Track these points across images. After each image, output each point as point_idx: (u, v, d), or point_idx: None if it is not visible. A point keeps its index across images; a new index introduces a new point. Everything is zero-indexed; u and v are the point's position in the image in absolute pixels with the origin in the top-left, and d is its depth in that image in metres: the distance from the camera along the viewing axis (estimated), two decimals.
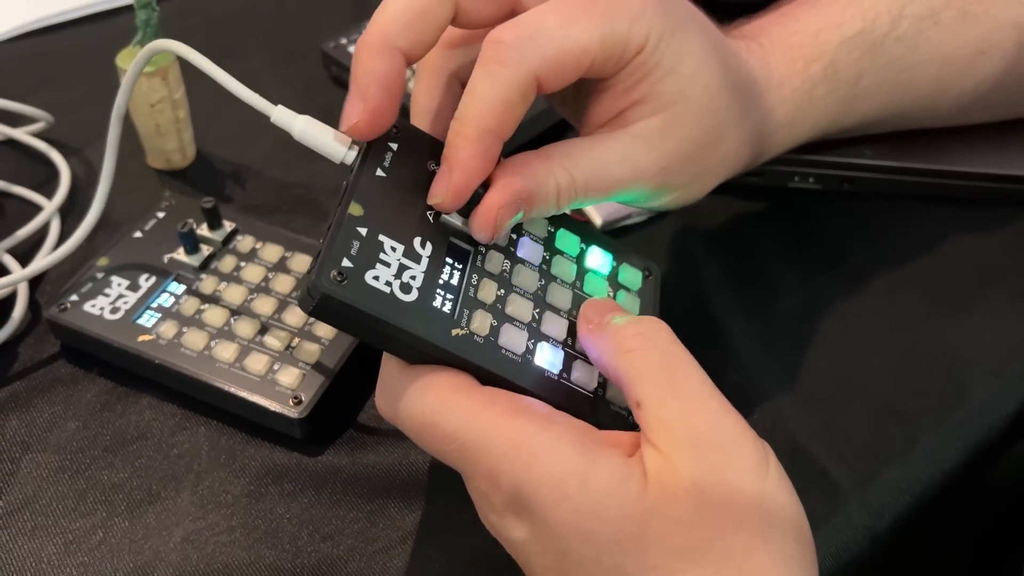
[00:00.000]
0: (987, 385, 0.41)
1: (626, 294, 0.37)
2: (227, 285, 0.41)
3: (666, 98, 0.34)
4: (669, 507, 0.27)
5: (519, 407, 0.29)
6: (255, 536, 0.36)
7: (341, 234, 0.30)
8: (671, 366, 0.29)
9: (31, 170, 0.50)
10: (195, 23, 0.61)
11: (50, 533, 0.36)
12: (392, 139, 0.33)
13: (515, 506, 0.29)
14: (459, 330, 0.31)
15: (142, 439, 0.39)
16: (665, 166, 0.35)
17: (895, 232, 0.47)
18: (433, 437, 0.30)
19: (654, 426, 0.28)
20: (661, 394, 0.29)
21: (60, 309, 0.40)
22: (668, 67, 0.33)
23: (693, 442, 0.28)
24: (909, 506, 0.38)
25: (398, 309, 0.29)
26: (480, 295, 0.32)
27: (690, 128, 0.35)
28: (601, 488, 0.27)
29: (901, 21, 0.42)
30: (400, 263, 0.30)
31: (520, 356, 0.32)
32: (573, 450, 0.28)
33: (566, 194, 0.33)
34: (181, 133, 0.49)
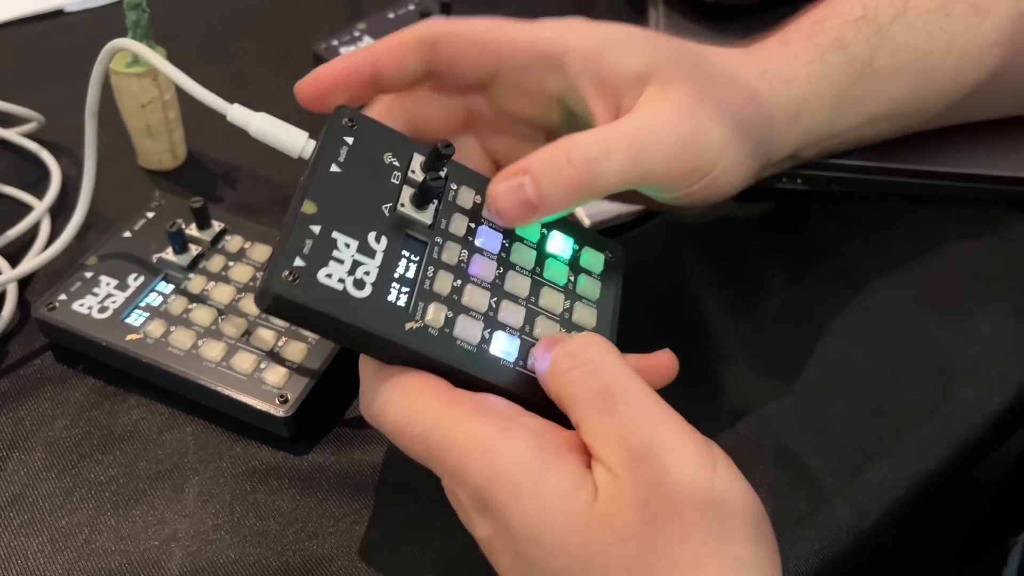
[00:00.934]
0: (972, 384, 0.41)
1: (587, 278, 0.37)
2: (215, 285, 0.41)
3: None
4: (615, 520, 0.27)
5: (482, 407, 0.30)
6: (241, 534, 0.36)
7: (294, 233, 0.30)
8: (603, 384, 0.29)
9: (22, 170, 0.50)
10: (188, 24, 0.61)
11: (37, 531, 0.36)
12: (348, 132, 0.33)
13: (478, 504, 0.29)
14: (413, 323, 0.31)
15: (130, 438, 0.39)
16: (685, 104, 0.35)
17: (882, 232, 0.47)
18: (404, 438, 0.30)
19: (595, 445, 0.29)
20: (597, 414, 0.29)
21: (49, 308, 0.40)
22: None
23: (633, 457, 0.28)
24: (894, 504, 0.38)
25: (350, 306, 0.30)
26: (436, 287, 0.32)
27: (688, 84, 0.36)
28: (551, 493, 0.28)
29: (907, 12, 0.42)
30: (354, 259, 0.31)
31: (475, 346, 0.32)
32: (530, 452, 0.28)
33: (581, 160, 0.33)
34: (172, 134, 0.49)
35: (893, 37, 0.42)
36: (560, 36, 0.36)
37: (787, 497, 0.37)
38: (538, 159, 0.33)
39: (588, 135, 0.34)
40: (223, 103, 0.34)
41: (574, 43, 0.36)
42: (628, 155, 0.34)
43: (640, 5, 0.61)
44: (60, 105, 0.53)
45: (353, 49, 0.55)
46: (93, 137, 0.42)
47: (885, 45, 0.41)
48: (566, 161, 0.33)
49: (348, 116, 0.34)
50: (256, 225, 0.44)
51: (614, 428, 0.28)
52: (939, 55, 0.42)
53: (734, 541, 0.27)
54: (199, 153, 0.52)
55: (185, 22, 0.61)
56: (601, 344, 0.31)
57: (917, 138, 0.47)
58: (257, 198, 0.50)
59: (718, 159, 0.36)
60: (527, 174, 0.33)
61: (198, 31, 0.61)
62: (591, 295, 0.36)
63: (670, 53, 0.36)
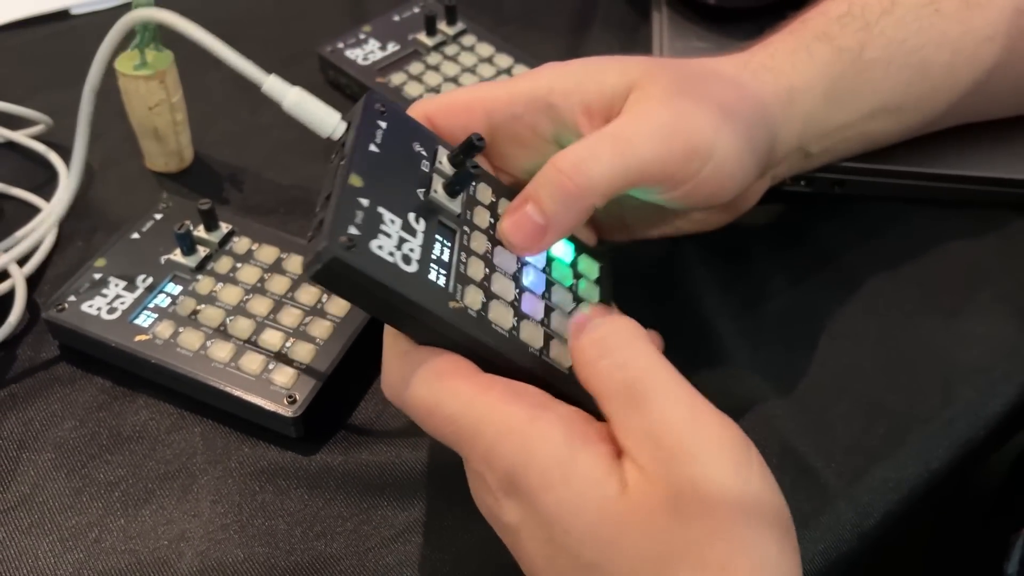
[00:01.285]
0: (974, 385, 0.41)
1: (586, 282, 0.38)
2: (223, 286, 0.42)
3: None
4: (644, 516, 0.27)
5: (515, 393, 0.30)
6: (249, 534, 0.36)
7: (343, 204, 0.30)
8: (633, 377, 0.29)
9: (30, 172, 0.51)
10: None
11: (46, 530, 0.36)
12: (380, 117, 0.33)
13: (508, 488, 0.29)
14: (456, 303, 0.31)
15: (138, 438, 0.39)
16: (668, 93, 0.35)
17: (884, 234, 0.48)
18: (433, 419, 0.30)
19: (625, 444, 0.29)
20: (625, 411, 0.29)
21: (58, 309, 0.41)
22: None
23: (666, 458, 0.27)
24: (896, 504, 0.38)
25: (402, 279, 0.30)
26: (470, 272, 0.33)
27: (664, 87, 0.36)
28: (581, 483, 0.28)
29: (895, 8, 0.42)
30: (400, 236, 0.31)
31: (507, 332, 0.32)
32: (561, 439, 0.28)
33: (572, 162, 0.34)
34: (179, 136, 0.50)
35: (882, 31, 0.42)
36: (539, 78, 0.37)
37: (791, 498, 0.37)
38: (533, 182, 0.34)
39: (573, 144, 0.34)
40: (260, 72, 0.34)
41: (554, 82, 0.37)
42: (614, 150, 0.34)
43: (643, 8, 0.62)
44: (67, 107, 0.53)
45: (359, 56, 0.55)
46: (88, 114, 0.42)
47: (874, 38, 0.42)
48: (556, 172, 0.33)
49: (379, 102, 0.34)
50: (263, 227, 0.44)
51: (643, 426, 0.28)
52: (931, 49, 0.43)
53: (764, 543, 0.27)
54: (205, 155, 0.52)
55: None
56: (628, 331, 0.30)
57: (919, 140, 0.48)
58: (263, 200, 0.50)
59: (711, 142, 0.35)
60: (528, 200, 0.34)
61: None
62: (591, 299, 0.37)
63: (645, 65, 0.37)
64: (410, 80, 0.54)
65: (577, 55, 0.58)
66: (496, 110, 0.37)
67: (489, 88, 0.38)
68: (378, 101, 0.34)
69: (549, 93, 0.37)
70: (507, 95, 0.37)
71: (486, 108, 0.37)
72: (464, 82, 0.54)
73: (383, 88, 0.53)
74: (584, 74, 0.37)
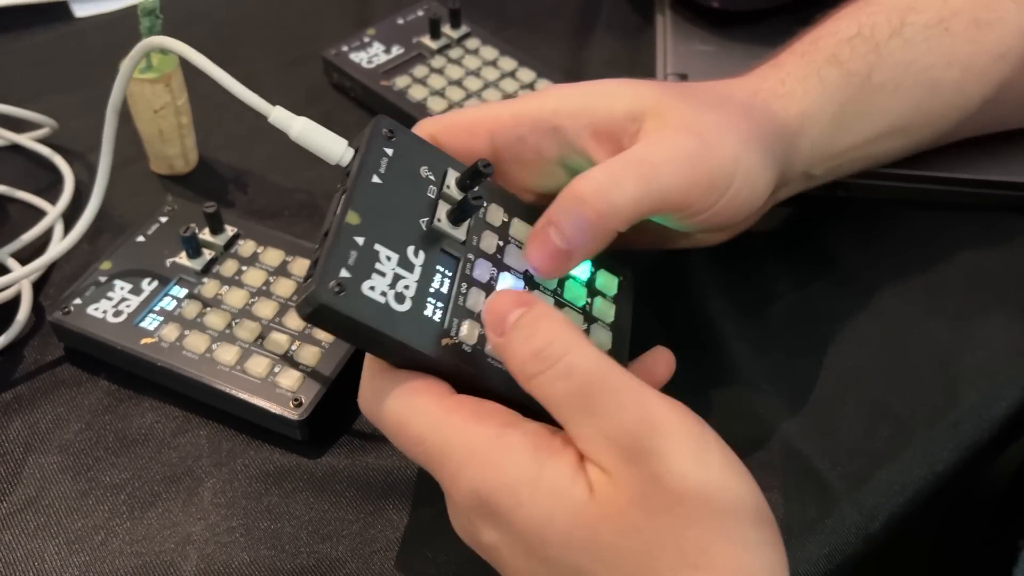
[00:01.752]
0: (978, 388, 0.41)
1: (602, 300, 0.37)
2: (229, 289, 0.42)
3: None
4: (615, 516, 0.27)
5: (481, 413, 0.30)
6: (255, 536, 0.36)
7: (339, 243, 0.30)
8: (577, 383, 0.29)
9: (35, 175, 0.51)
10: (198, 30, 0.61)
11: (52, 533, 0.36)
12: (387, 144, 0.33)
13: (480, 510, 0.29)
14: (449, 339, 0.31)
15: (144, 441, 0.39)
16: (692, 130, 0.35)
17: (888, 237, 0.48)
18: (403, 438, 0.31)
19: (584, 448, 0.29)
20: (578, 417, 0.29)
21: (64, 312, 0.41)
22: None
23: (625, 456, 0.28)
24: (901, 507, 0.38)
25: (392, 320, 0.30)
26: (468, 303, 0.33)
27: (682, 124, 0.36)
28: (549, 494, 0.28)
29: (904, 28, 0.42)
30: (395, 272, 0.31)
31: (503, 365, 0.32)
32: (526, 456, 0.29)
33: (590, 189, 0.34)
34: (184, 139, 0.50)
35: (891, 53, 0.42)
36: (545, 100, 0.37)
37: (796, 501, 0.37)
38: (555, 206, 0.34)
39: (595, 169, 0.34)
40: (265, 104, 0.34)
41: (560, 103, 0.37)
42: (638, 177, 0.34)
43: (647, 11, 0.62)
44: (71, 110, 0.54)
45: (363, 59, 0.55)
46: (112, 135, 0.42)
47: (883, 61, 0.42)
48: (579, 200, 0.33)
49: (388, 127, 0.34)
50: (268, 230, 0.45)
51: (599, 429, 0.28)
52: (940, 69, 0.43)
53: (738, 523, 0.27)
54: (210, 158, 0.52)
55: (193, 28, 0.61)
56: (564, 336, 0.29)
57: None
58: (267, 203, 0.50)
59: (732, 172, 0.36)
60: (551, 225, 0.34)
61: (207, 37, 0.61)
62: (606, 317, 0.37)
63: (657, 90, 0.37)
64: (414, 83, 0.54)
65: (581, 58, 0.59)
66: (500, 131, 0.37)
67: (494, 108, 0.38)
68: (386, 127, 0.34)
69: (555, 115, 0.36)
70: (512, 116, 0.37)
71: (490, 129, 0.37)
72: (468, 85, 0.54)
73: (387, 91, 0.53)
74: (592, 96, 0.37)
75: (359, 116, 0.55)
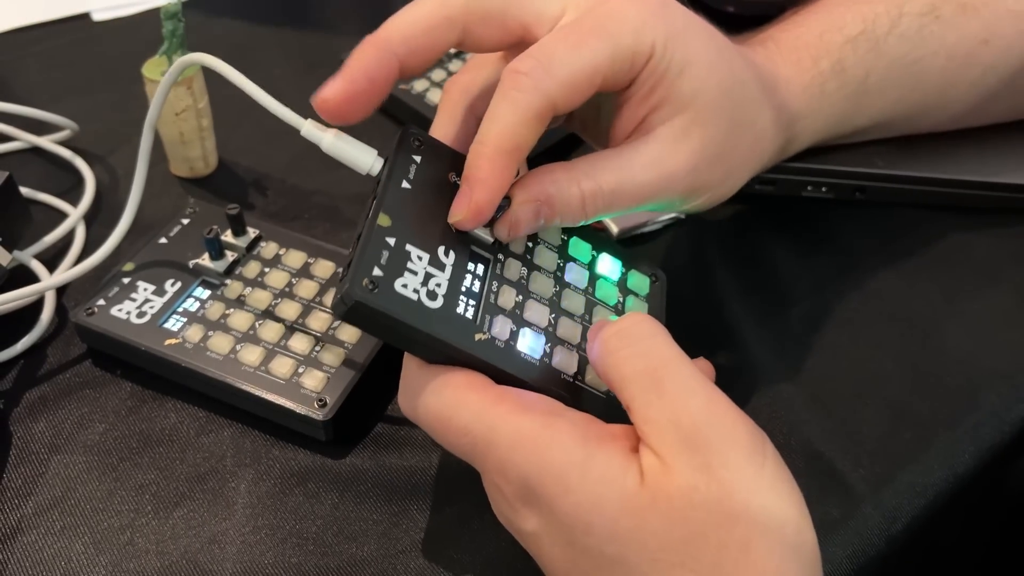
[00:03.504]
0: (998, 390, 0.41)
1: (634, 299, 0.38)
2: (252, 290, 0.42)
3: (682, 99, 0.35)
4: (664, 504, 0.28)
5: (526, 403, 0.30)
6: (280, 536, 0.36)
7: (371, 244, 0.31)
8: (654, 365, 0.30)
9: (57, 177, 0.51)
10: (217, 33, 0.62)
11: (79, 532, 0.36)
12: (415, 152, 0.34)
13: (525, 497, 0.30)
14: (482, 335, 0.32)
15: (168, 441, 0.39)
16: (694, 166, 0.35)
17: (906, 239, 0.48)
18: (448, 431, 0.31)
19: (645, 430, 0.29)
20: (647, 396, 0.29)
21: (87, 313, 0.41)
22: (678, 70, 0.34)
23: (684, 442, 0.28)
24: (923, 508, 0.38)
25: (425, 315, 0.31)
26: (500, 301, 0.33)
27: (710, 126, 0.35)
28: (599, 482, 0.28)
29: (901, 19, 0.43)
30: (426, 271, 0.32)
31: (538, 360, 0.33)
32: (574, 443, 0.29)
33: (591, 202, 0.34)
34: (204, 141, 0.50)
35: (887, 51, 0.43)
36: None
37: (819, 502, 0.38)
38: (556, 193, 0.33)
39: (607, 173, 0.34)
40: (297, 118, 0.34)
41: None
42: (651, 188, 0.35)
43: None
44: (91, 112, 0.54)
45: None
46: (148, 150, 0.43)
47: (879, 60, 0.43)
48: (581, 206, 0.34)
49: (416, 136, 0.35)
50: (290, 232, 0.45)
51: (664, 411, 0.29)
52: (928, 59, 0.44)
53: (781, 526, 0.28)
54: (230, 161, 0.52)
55: (212, 32, 0.62)
56: (650, 323, 0.31)
57: (941, 147, 0.48)
58: (287, 205, 0.50)
59: (744, 170, 0.38)
60: (546, 205, 0.33)
61: (225, 40, 0.61)
62: None
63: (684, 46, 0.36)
64: (432, 87, 0.54)
65: None
66: (535, 32, 0.35)
67: (533, 5, 0.35)
68: (414, 136, 0.35)
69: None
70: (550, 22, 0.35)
71: (526, 26, 0.35)
72: None
73: (405, 94, 0.54)
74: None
75: (377, 119, 0.55)
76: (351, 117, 0.33)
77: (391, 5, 0.67)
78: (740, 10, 0.57)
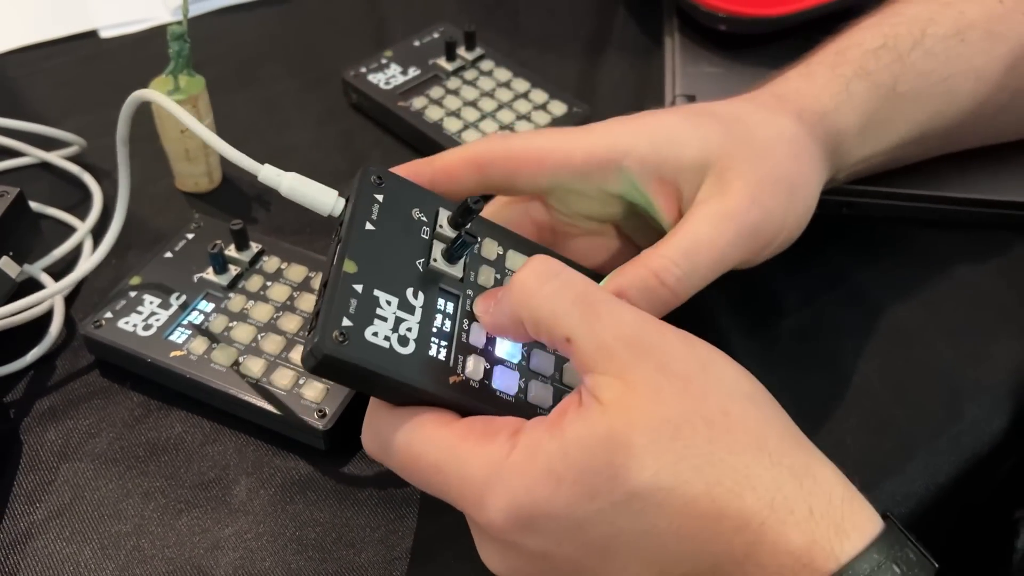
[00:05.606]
0: (979, 402, 0.43)
1: None
2: (254, 303, 0.43)
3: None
4: (639, 416, 0.28)
5: (489, 430, 0.30)
6: (281, 543, 0.38)
7: (339, 293, 0.31)
8: (579, 293, 0.30)
9: (65, 192, 0.52)
10: (221, 50, 0.63)
11: (87, 538, 0.38)
12: (377, 190, 0.34)
13: (520, 524, 0.29)
14: (456, 377, 0.32)
15: (174, 450, 0.41)
16: (748, 196, 0.38)
17: (892, 254, 0.49)
18: (418, 470, 0.31)
19: (592, 356, 0.29)
20: (587, 322, 0.30)
21: (95, 325, 0.42)
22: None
23: (632, 351, 0.29)
24: (903, 518, 0.39)
25: (397, 363, 0.30)
26: (472, 339, 0.33)
27: (747, 172, 0.38)
28: (575, 441, 0.28)
29: (924, 39, 0.44)
30: (396, 316, 0.31)
31: (513, 397, 0.33)
32: (543, 442, 0.29)
33: (665, 271, 0.36)
34: (208, 158, 0.51)
35: (913, 63, 0.44)
36: (616, 142, 0.39)
37: None
38: (630, 282, 0.35)
39: (671, 250, 0.36)
40: (254, 163, 0.35)
41: (631, 147, 0.38)
42: (711, 263, 0.37)
43: (656, 34, 0.63)
44: (99, 129, 0.55)
45: (381, 80, 0.57)
46: (125, 161, 0.45)
47: (906, 71, 0.44)
48: (659, 284, 0.36)
49: (376, 174, 0.35)
50: (291, 246, 0.46)
51: (608, 329, 0.30)
52: (958, 78, 0.45)
53: (739, 382, 0.30)
54: (234, 176, 0.54)
55: (216, 48, 0.63)
56: (554, 260, 0.31)
57: (925, 164, 0.49)
58: (289, 220, 0.51)
59: (781, 226, 0.39)
60: (621, 295, 0.35)
61: (230, 57, 0.63)
62: None
63: (720, 140, 0.38)
64: (431, 104, 0.55)
65: (592, 80, 0.61)
66: (565, 169, 0.38)
67: (562, 144, 0.39)
68: (374, 174, 0.35)
69: (624, 157, 0.38)
70: (583, 157, 0.38)
71: (556, 166, 0.38)
72: (483, 106, 0.56)
73: (404, 111, 0.55)
74: (661, 141, 0.38)
75: (377, 135, 0.56)
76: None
77: (390, 23, 0.68)
78: (731, 28, 0.59)
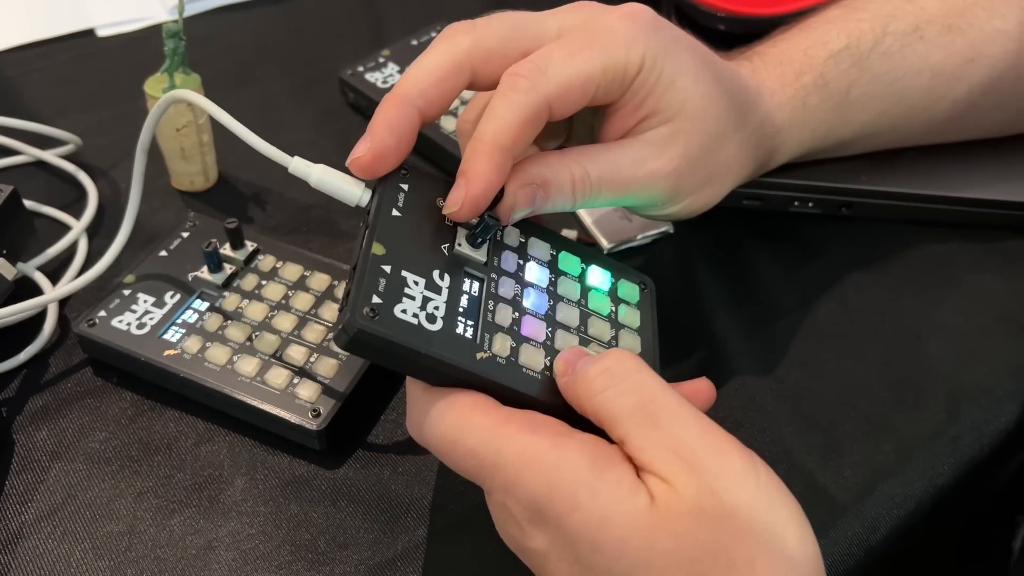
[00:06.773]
0: (978, 403, 0.42)
1: (626, 307, 0.39)
2: (249, 302, 0.43)
3: (670, 110, 0.37)
4: (673, 524, 0.28)
5: (534, 423, 0.31)
6: (274, 543, 0.37)
7: (368, 273, 0.32)
8: (644, 399, 0.31)
9: (60, 191, 0.52)
10: (218, 50, 0.63)
11: (79, 538, 0.37)
12: (403, 180, 0.35)
13: (532, 516, 0.30)
14: (483, 353, 0.33)
15: (167, 450, 0.40)
16: (675, 168, 0.38)
17: (890, 255, 0.49)
18: (455, 453, 0.31)
19: (644, 460, 0.30)
20: (641, 430, 0.30)
21: (89, 324, 0.42)
22: (667, 83, 0.37)
23: (685, 466, 0.29)
24: (903, 519, 0.39)
25: (427, 338, 0.32)
26: (498, 319, 0.34)
27: (695, 134, 0.38)
28: (609, 500, 0.29)
29: (885, 38, 0.45)
30: (423, 295, 0.33)
31: (539, 373, 0.33)
32: (584, 462, 0.29)
33: (580, 187, 0.36)
34: (205, 156, 0.51)
35: (870, 66, 0.45)
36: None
37: None
38: (551, 176, 0.35)
39: (595, 164, 0.36)
40: (284, 156, 0.36)
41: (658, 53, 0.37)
42: (634, 182, 0.37)
43: None
44: (95, 127, 0.55)
45: (379, 79, 0.57)
46: (141, 171, 0.44)
47: (862, 75, 0.45)
48: (571, 190, 0.36)
49: (401, 166, 0.36)
50: (287, 245, 0.46)
51: (662, 441, 0.30)
52: (911, 77, 0.46)
53: (782, 541, 0.28)
54: (229, 175, 0.54)
55: (213, 48, 0.63)
56: (633, 359, 0.32)
57: (926, 163, 0.49)
58: (285, 219, 0.51)
59: (728, 179, 0.40)
60: (542, 188, 0.35)
61: (226, 56, 0.63)
62: (632, 323, 0.38)
63: (719, 109, 0.39)
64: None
65: None
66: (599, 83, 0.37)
67: (584, 68, 0.36)
68: (401, 166, 0.35)
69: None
70: (601, 71, 0.36)
71: (595, 84, 0.36)
72: None
73: None
74: (669, 78, 0.37)
75: None
76: (383, 170, 0.35)
77: (386, 23, 0.68)
78: (731, 28, 0.58)
